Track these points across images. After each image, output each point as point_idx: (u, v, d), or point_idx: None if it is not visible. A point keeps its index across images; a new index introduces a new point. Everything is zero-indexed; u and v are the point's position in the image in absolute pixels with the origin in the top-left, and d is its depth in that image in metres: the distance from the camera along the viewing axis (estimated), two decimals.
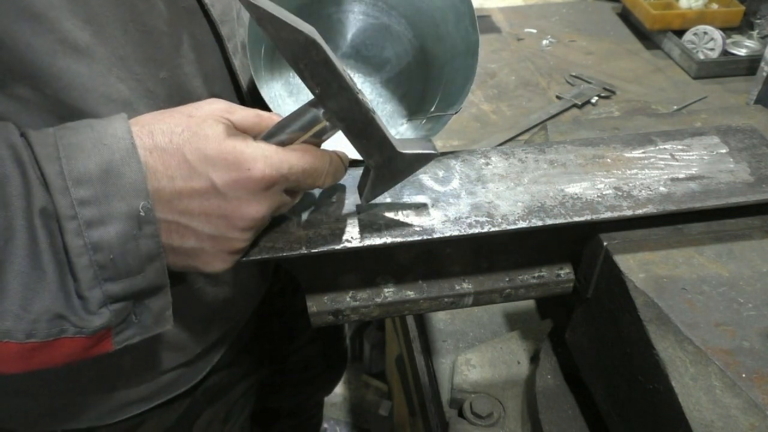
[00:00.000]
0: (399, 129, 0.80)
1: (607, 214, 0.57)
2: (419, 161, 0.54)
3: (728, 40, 1.43)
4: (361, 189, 0.57)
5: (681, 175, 0.62)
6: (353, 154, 0.54)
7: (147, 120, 0.46)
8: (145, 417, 0.73)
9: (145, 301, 0.47)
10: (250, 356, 0.92)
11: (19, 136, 0.42)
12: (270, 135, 0.51)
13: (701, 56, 1.41)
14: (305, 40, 0.45)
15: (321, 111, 0.50)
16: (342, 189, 0.60)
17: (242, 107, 0.51)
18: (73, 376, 0.65)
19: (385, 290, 0.63)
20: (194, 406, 0.80)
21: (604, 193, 0.60)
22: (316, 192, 0.60)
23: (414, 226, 0.56)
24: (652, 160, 0.64)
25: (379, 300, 0.63)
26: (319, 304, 0.62)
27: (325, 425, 1.86)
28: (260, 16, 0.44)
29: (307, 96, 0.78)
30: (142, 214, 0.43)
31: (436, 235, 0.55)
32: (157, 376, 0.70)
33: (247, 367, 0.91)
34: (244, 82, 0.66)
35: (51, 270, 0.41)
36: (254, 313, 0.86)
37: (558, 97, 1.34)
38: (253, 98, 0.68)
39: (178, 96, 0.57)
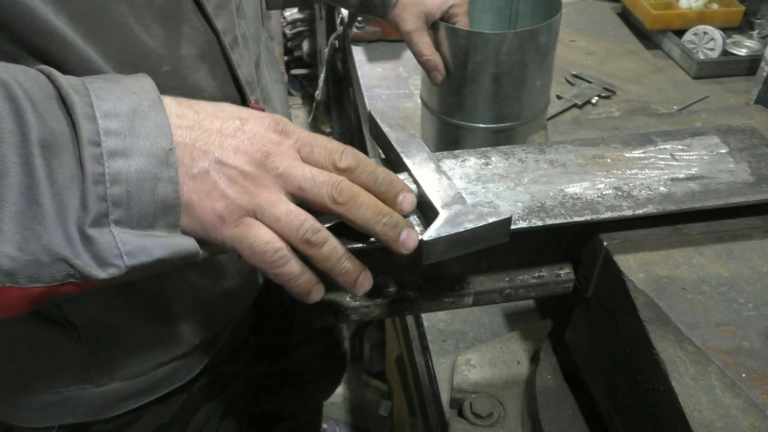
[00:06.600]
0: None
1: (607, 214, 0.57)
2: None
3: (728, 40, 1.43)
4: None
5: (681, 175, 0.62)
6: None
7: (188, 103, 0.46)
8: (140, 413, 0.73)
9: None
10: (248, 350, 0.91)
11: (15, 73, 0.40)
12: None
13: (701, 56, 1.40)
14: None
15: None
16: None
17: None
18: (66, 368, 0.65)
19: (385, 290, 0.63)
20: (190, 402, 0.80)
21: (604, 193, 0.60)
22: None
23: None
24: (652, 160, 0.64)
25: (379, 300, 0.62)
26: (318, 304, 0.62)
27: (324, 425, 1.86)
28: None
29: None
30: (164, 154, 0.41)
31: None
32: (153, 368, 0.70)
33: (246, 362, 0.91)
34: (241, 75, 0.67)
35: (48, 203, 0.38)
36: (253, 304, 0.86)
37: (558, 97, 1.34)
38: (251, 89, 0.69)
39: (182, 88, 0.58)
